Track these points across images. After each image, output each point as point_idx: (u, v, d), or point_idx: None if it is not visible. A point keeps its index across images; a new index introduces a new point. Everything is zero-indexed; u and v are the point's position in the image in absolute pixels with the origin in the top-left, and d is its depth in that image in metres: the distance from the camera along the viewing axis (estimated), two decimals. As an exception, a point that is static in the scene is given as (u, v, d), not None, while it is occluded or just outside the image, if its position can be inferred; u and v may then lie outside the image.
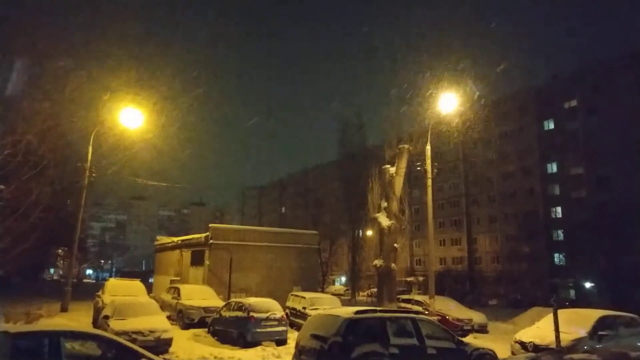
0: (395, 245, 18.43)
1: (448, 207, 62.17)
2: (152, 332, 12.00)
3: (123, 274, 65.37)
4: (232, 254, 23.57)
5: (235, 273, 23.51)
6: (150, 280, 39.05)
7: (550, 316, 11.63)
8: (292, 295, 20.14)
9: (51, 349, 5.82)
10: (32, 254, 20.68)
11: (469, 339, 14.05)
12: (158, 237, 35.96)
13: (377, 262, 18.42)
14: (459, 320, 18.64)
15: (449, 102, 16.97)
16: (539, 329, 12.87)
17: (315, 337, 9.25)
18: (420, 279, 53.79)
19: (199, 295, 18.84)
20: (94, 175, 22.55)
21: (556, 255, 50.28)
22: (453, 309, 19.69)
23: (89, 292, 27.31)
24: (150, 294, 22.09)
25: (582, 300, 38.25)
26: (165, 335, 12.21)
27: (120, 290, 17.75)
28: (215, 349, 13.29)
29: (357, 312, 9.66)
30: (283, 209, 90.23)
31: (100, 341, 6.61)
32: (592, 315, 12.58)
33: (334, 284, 63.05)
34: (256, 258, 25.31)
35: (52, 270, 73.11)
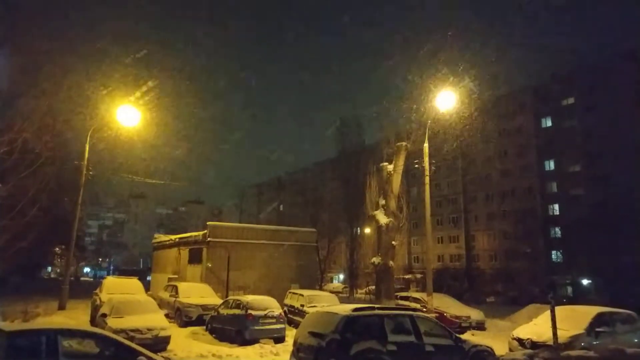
0: (393, 242, 18.44)
1: (446, 204, 62.24)
2: (150, 330, 12.00)
3: (121, 272, 65.22)
4: (230, 251, 23.54)
5: (233, 271, 23.49)
6: (148, 279, 38.97)
7: (548, 313, 11.66)
8: (290, 292, 20.15)
9: (49, 347, 5.81)
10: (30, 252, 20.65)
11: (466, 336, 14.05)
12: (156, 235, 35.86)
13: (375, 259, 18.44)
14: (456, 317, 18.66)
15: (447, 100, 16.92)
16: (536, 326, 12.91)
17: (313, 334, 9.24)
18: (418, 276, 53.91)
19: (197, 293, 18.84)
20: (91, 173, 22.48)
21: (554, 252, 50.48)
22: (451, 306, 19.68)
23: (86, 290, 27.27)
24: (148, 292, 22.09)
25: (580, 298, 38.43)
26: (163, 333, 12.20)
27: (118, 288, 17.72)
28: (213, 346, 13.28)
29: (355, 310, 9.64)
30: (281, 207, 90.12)
31: (98, 339, 6.60)
32: (590, 312, 12.62)
33: (332, 282, 63.11)
34: (254, 256, 25.31)
35: (49, 269, 73.17)
